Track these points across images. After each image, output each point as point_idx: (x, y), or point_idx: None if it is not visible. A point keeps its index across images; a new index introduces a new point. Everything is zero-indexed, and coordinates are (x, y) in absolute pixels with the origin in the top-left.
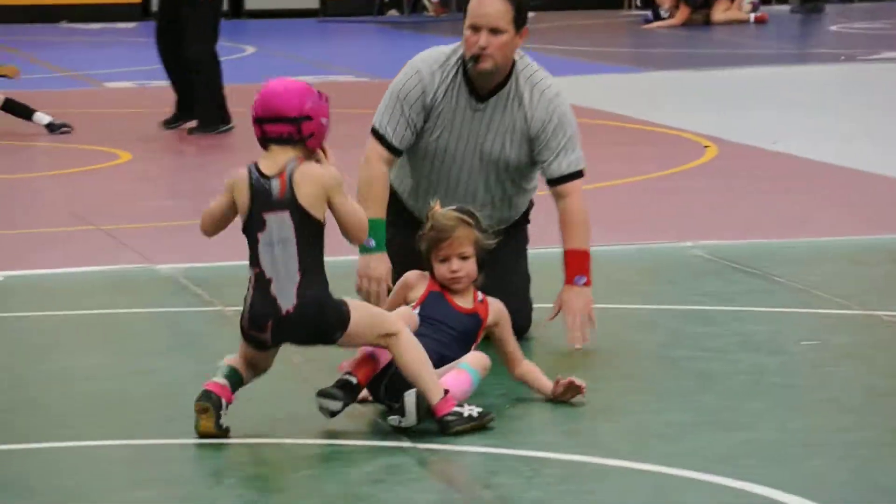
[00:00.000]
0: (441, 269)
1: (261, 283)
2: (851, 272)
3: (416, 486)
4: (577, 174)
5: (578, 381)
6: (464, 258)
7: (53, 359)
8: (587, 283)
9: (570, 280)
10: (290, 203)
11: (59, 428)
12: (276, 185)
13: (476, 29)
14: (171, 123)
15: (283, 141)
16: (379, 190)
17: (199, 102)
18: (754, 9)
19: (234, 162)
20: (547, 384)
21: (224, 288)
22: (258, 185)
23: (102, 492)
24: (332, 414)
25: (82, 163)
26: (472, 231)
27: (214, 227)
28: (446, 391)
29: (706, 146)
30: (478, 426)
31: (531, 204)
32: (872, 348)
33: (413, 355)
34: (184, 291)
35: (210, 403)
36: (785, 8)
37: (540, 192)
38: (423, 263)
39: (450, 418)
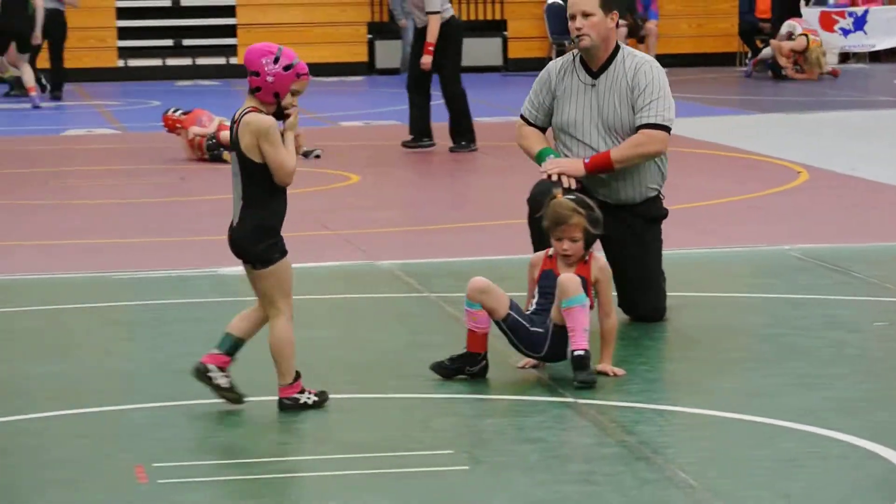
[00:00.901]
0: (556, 245)
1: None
2: None
3: (576, 432)
4: (655, 126)
5: (612, 372)
6: (574, 240)
7: (302, 332)
8: (587, 164)
9: (583, 159)
10: (235, 145)
11: (309, 383)
12: (233, 129)
13: (573, 17)
14: (409, 144)
15: (249, 91)
16: (532, 136)
17: (459, 126)
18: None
19: (438, 180)
20: (606, 355)
21: (431, 279)
22: (231, 126)
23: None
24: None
25: (324, 183)
26: (583, 220)
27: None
28: (296, 379)
29: (799, 171)
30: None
31: (661, 204)
32: None
33: (283, 335)
34: (398, 281)
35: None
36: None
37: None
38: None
39: (286, 402)
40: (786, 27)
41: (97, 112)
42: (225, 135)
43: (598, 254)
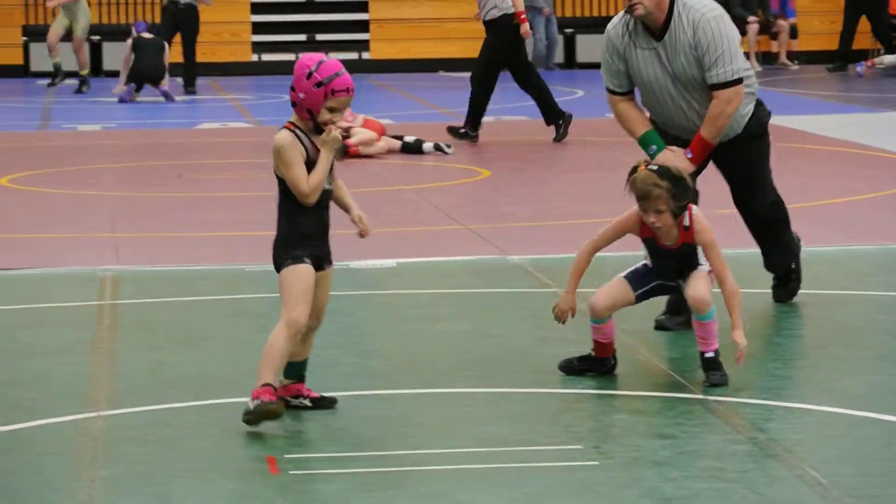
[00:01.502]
0: (644, 218)
1: None
2: None
3: (707, 428)
4: (726, 84)
5: (741, 345)
6: (658, 212)
7: (432, 325)
8: (691, 158)
9: (685, 151)
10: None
11: (437, 377)
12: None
13: None
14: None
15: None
16: (632, 117)
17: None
18: None
19: (569, 175)
20: (736, 322)
21: (562, 274)
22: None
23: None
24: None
25: (455, 178)
26: (664, 192)
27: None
28: (267, 384)
29: None
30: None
31: (761, 114)
32: None
33: (277, 342)
34: (529, 276)
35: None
36: None
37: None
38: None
39: (249, 406)
40: None
41: (231, 106)
42: (365, 132)
43: (698, 212)
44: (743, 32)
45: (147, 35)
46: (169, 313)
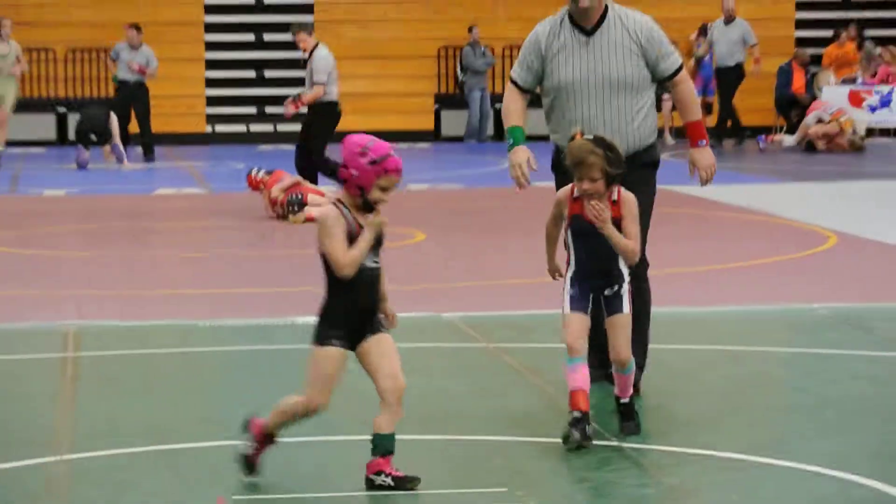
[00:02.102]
0: (577, 185)
1: None
2: None
3: (621, 473)
4: (677, 71)
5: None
6: (593, 180)
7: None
8: (707, 144)
9: (694, 143)
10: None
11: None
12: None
13: None
14: None
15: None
16: (514, 109)
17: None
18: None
19: (500, 237)
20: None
21: (492, 330)
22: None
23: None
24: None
25: (392, 241)
26: (600, 159)
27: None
28: (264, 442)
29: (828, 236)
30: None
31: (656, 152)
32: None
33: (290, 402)
34: (461, 333)
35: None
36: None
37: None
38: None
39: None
40: (813, 117)
41: (187, 173)
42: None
43: (625, 190)
44: (658, 109)
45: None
46: (127, 365)
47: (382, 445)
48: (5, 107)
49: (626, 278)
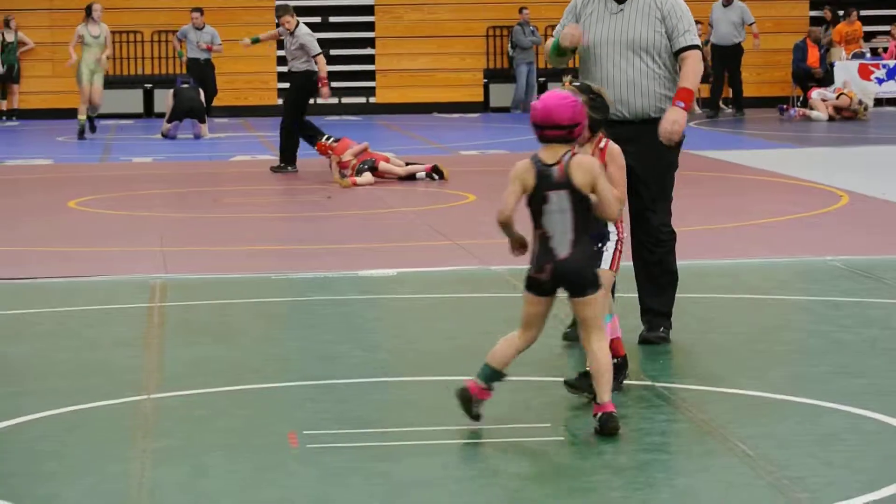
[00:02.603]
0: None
1: (543, 239)
2: None
3: (655, 410)
4: (692, 47)
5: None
6: None
7: (423, 324)
8: (684, 108)
9: (674, 103)
10: (567, 184)
11: (431, 367)
12: (555, 171)
13: None
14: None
15: (558, 140)
16: (547, 44)
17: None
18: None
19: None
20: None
21: None
22: (542, 171)
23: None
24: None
25: (446, 201)
26: (585, 103)
27: (513, 211)
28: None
29: (841, 196)
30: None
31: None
32: None
33: (606, 358)
34: (507, 284)
35: (462, 399)
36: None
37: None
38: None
39: (601, 417)
40: (817, 94)
41: (260, 142)
42: (367, 177)
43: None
44: None
45: (185, 85)
46: (207, 314)
47: (493, 376)
48: (98, 84)
49: (614, 238)
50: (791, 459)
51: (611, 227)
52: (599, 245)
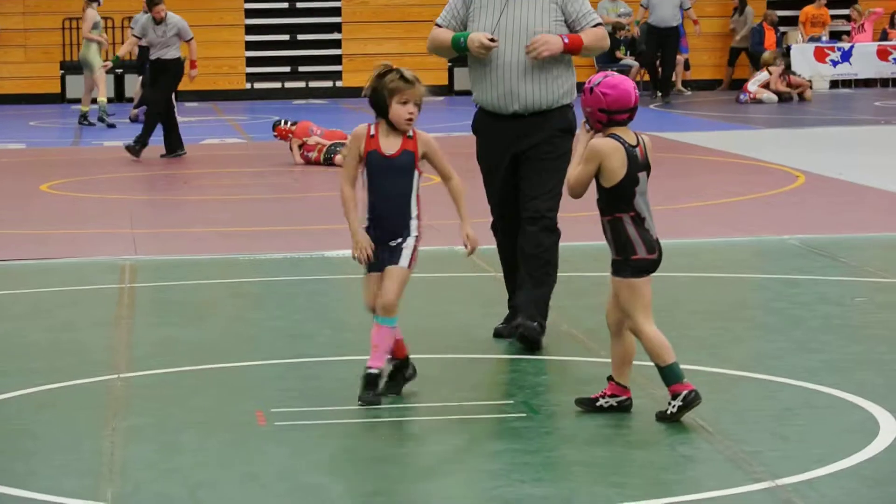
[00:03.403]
0: (400, 111)
1: (638, 221)
2: (889, 255)
3: None
4: (596, 25)
5: (468, 237)
6: (417, 105)
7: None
8: (566, 44)
9: (559, 35)
10: (647, 165)
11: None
12: (638, 152)
13: None
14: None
15: (626, 122)
16: (441, 33)
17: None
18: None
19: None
20: (464, 217)
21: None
22: (631, 152)
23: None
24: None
25: None
26: (424, 88)
27: (585, 188)
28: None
29: (797, 176)
30: None
31: (572, 116)
32: None
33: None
34: (473, 264)
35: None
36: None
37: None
38: (380, 107)
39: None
40: (753, 82)
41: (229, 125)
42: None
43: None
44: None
45: None
46: (177, 294)
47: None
48: (97, 70)
49: (414, 234)
50: (748, 434)
51: (413, 225)
52: (399, 241)
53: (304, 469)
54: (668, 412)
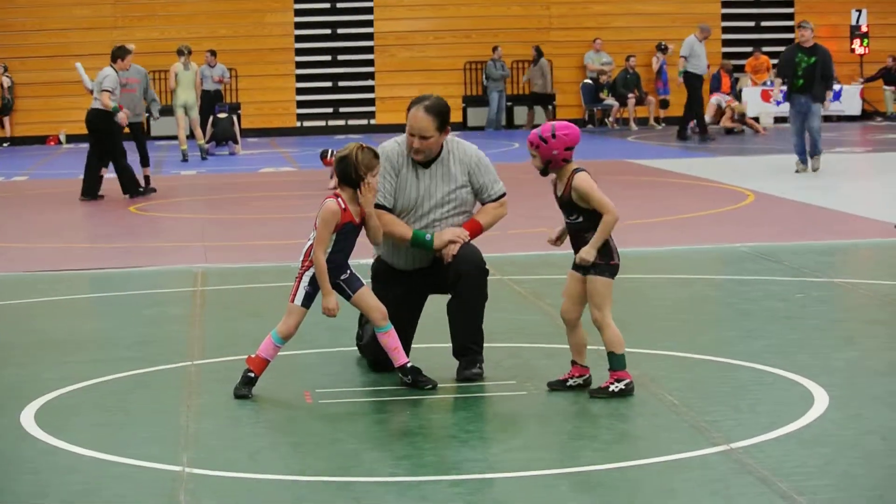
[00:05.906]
0: (373, 182)
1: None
2: (825, 259)
3: (599, 367)
4: (500, 196)
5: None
6: (376, 175)
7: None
8: (468, 235)
9: (462, 225)
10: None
11: (417, 336)
12: (560, 188)
13: (412, 134)
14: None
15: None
16: (398, 223)
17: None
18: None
19: (516, 202)
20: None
21: (509, 268)
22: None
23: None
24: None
25: None
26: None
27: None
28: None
29: (747, 194)
30: None
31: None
32: (834, 298)
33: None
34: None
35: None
36: None
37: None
38: (351, 179)
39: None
40: (714, 100)
41: (282, 157)
42: None
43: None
44: (623, 104)
45: (222, 115)
46: (239, 296)
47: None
48: (192, 112)
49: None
50: (708, 406)
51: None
52: (348, 272)
53: (344, 438)
54: (611, 390)
